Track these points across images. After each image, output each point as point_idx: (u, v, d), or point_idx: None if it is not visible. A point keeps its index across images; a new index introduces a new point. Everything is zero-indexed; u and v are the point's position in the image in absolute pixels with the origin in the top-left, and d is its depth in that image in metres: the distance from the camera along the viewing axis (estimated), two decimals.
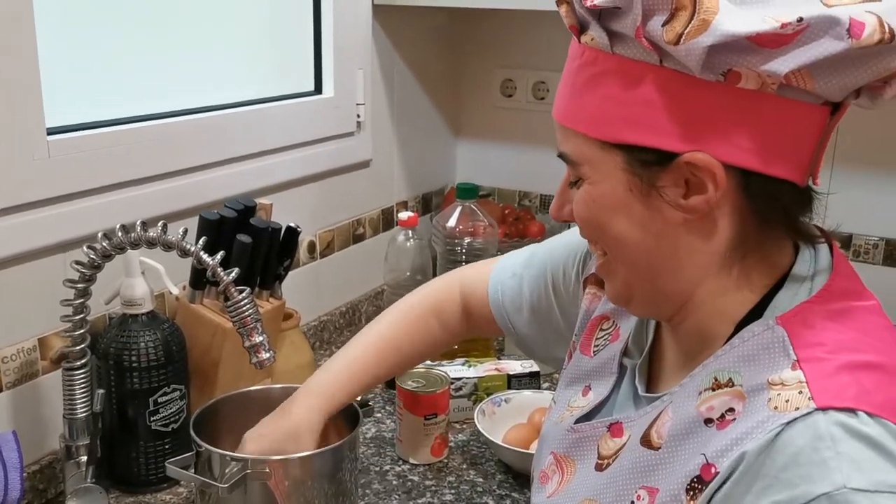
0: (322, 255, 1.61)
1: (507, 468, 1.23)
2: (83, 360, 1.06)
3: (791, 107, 0.63)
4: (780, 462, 0.60)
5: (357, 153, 1.66)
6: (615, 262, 0.73)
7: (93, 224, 1.11)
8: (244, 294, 0.98)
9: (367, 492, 1.17)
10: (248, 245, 1.16)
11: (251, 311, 0.98)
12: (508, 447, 1.19)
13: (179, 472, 0.98)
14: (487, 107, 1.97)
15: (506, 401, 1.32)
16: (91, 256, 1.01)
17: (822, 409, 0.60)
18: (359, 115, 1.63)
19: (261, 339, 0.98)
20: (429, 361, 1.30)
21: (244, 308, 0.97)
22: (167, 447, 1.15)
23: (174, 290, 1.13)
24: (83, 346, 1.06)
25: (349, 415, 1.04)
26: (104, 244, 1.01)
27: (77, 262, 1.02)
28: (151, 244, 1.00)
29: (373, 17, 1.64)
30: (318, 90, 1.58)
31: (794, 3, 0.59)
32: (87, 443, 1.07)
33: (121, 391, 1.11)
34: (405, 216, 1.55)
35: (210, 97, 1.37)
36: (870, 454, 0.58)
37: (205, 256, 0.98)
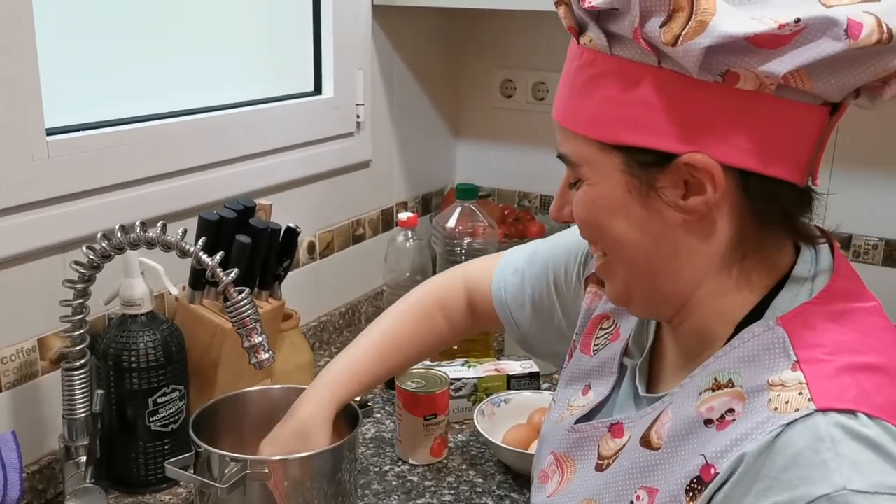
0: (321, 256, 1.61)
1: (507, 469, 1.23)
2: (82, 361, 1.06)
3: (789, 107, 0.62)
4: (780, 463, 0.60)
5: (357, 153, 1.66)
6: (615, 263, 0.73)
7: (92, 224, 1.11)
8: (243, 294, 0.98)
9: (367, 492, 1.17)
10: (248, 245, 1.16)
11: (250, 312, 0.98)
12: (508, 448, 1.19)
13: (179, 473, 0.98)
14: (487, 107, 1.97)
15: (505, 401, 1.32)
16: (90, 257, 1.01)
17: (822, 411, 0.60)
18: (358, 116, 1.63)
19: (260, 340, 0.98)
20: (428, 362, 1.30)
21: (243, 308, 0.97)
22: (166, 448, 1.15)
23: (173, 291, 1.13)
24: (82, 347, 1.06)
25: (349, 415, 1.04)
26: (103, 244, 1.01)
27: (76, 263, 1.02)
28: (151, 244, 1.00)
29: (372, 18, 1.64)
30: (318, 90, 1.58)
31: (792, 4, 0.59)
32: (87, 443, 1.07)
33: (120, 391, 1.11)
34: (405, 217, 1.55)
35: (210, 97, 1.37)
36: (870, 456, 0.58)
37: (204, 257, 0.98)
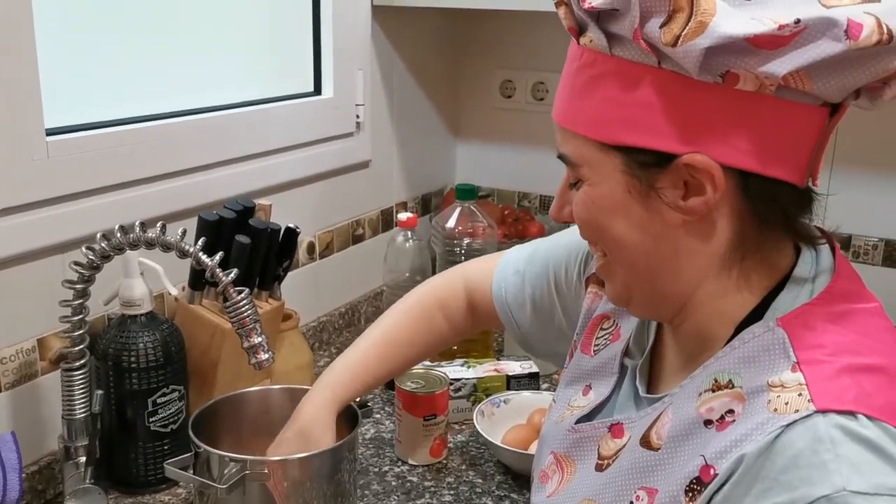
0: (321, 256, 1.61)
1: (506, 469, 1.23)
2: (82, 361, 1.06)
3: (789, 108, 0.62)
4: (780, 464, 0.60)
5: (356, 154, 1.66)
6: (614, 264, 0.73)
7: (92, 225, 1.11)
8: (243, 295, 0.97)
9: (366, 493, 1.17)
10: (247, 246, 1.16)
11: (250, 312, 0.98)
12: (507, 448, 1.19)
13: (178, 473, 0.98)
14: (487, 108, 1.97)
15: (505, 402, 1.32)
16: (90, 257, 1.01)
17: (822, 412, 0.60)
18: (358, 116, 1.63)
19: (260, 340, 0.98)
20: (427, 362, 1.30)
21: (243, 309, 0.97)
22: (166, 448, 1.15)
23: (173, 291, 1.13)
24: (82, 347, 1.05)
25: (348, 416, 1.04)
26: (103, 245, 1.01)
27: (76, 263, 1.02)
28: (150, 245, 1.00)
29: (372, 18, 1.64)
30: (318, 91, 1.58)
31: (792, 5, 0.59)
32: (86, 443, 1.07)
33: (120, 392, 1.11)
34: (404, 217, 1.55)
35: (210, 98, 1.37)
36: (870, 457, 0.58)
37: (203, 257, 0.98)
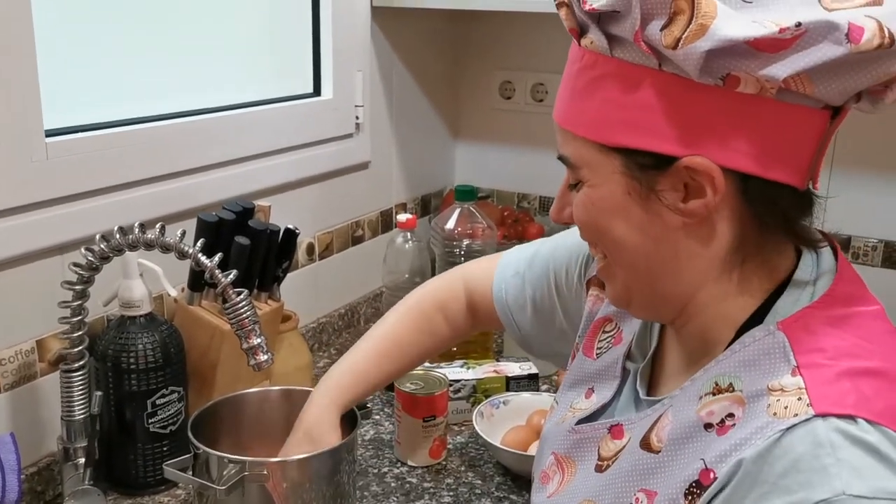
0: (321, 257, 1.61)
1: (506, 470, 1.23)
2: (81, 362, 1.06)
3: (790, 111, 0.62)
4: (780, 468, 0.60)
5: (356, 155, 1.66)
6: (615, 265, 0.73)
7: (91, 226, 1.11)
8: (242, 296, 0.97)
9: (366, 494, 1.17)
10: (247, 247, 1.16)
11: (249, 313, 0.98)
12: (507, 449, 1.19)
13: (177, 475, 0.98)
14: (486, 109, 1.97)
15: (504, 403, 1.32)
16: (89, 258, 1.01)
17: (821, 416, 0.60)
18: (357, 117, 1.63)
19: (259, 341, 0.98)
20: (427, 363, 1.30)
21: (242, 310, 0.97)
22: (165, 449, 1.14)
23: (172, 292, 1.13)
24: (81, 348, 1.05)
25: (348, 417, 1.04)
26: (102, 246, 1.01)
27: (75, 264, 1.02)
28: (149, 246, 1.00)
29: (371, 19, 1.64)
30: (317, 92, 1.58)
31: (793, 8, 0.59)
32: (85, 445, 1.07)
33: (119, 393, 1.11)
34: (404, 218, 1.55)
35: (209, 99, 1.37)
36: (870, 461, 0.58)
37: (203, 258, 0.98)
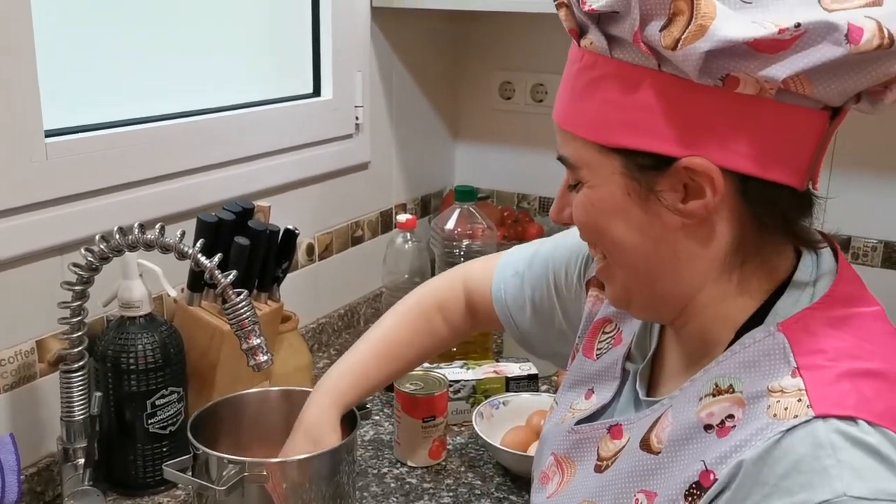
0: (320, 258, 1.61)
1: (505, 471, 1.23)
2: (81, 363, 1.06)
3: (790, 112, 0.62)
4: (780, 470, 0.60)
5: (355, 155, 1.66)
6: (614, 266, 0.73)
7: (91, 226, 1.11)
8: (242, 296, 0.97)
9: (365, 494, 1.17)
10: (246, 247, 1.16)
11: (249, 314, 0.97)
12: (506, 450, 1.19)
13: (177, 475, 0.98)
14: (486, 109, 1.97)
15: (504, 403, 1.32)
16: (89, 259, 1.01)
17: (822, 417, 0.60)
18: (357, 118, 1.63)
19: (259, 342, 0.98)
20: (427, 364, 1.30)
21: (242, 310, 0.97)
22: (165, 450, 1.14)
23: (172, 293, 1.13)
24: (81, 349, 1.05)
25: (347, 417, 1.04)
26: (102, 246, 1.01)
27: (75, 265, 1.02)
28: (149, 246, 1.00)
29: (371, 20, 1.64)
30: (317, 92, 1.58)
31: (793, 8, 0.59)
32: (85, 445, 1.07)
33: (118, 393, 1.11)
34: (404, 218, 1.55)
35: (209, 99, 1.37)
36: (871, 462, 0.58)
37: (202, 259, 0.98)
